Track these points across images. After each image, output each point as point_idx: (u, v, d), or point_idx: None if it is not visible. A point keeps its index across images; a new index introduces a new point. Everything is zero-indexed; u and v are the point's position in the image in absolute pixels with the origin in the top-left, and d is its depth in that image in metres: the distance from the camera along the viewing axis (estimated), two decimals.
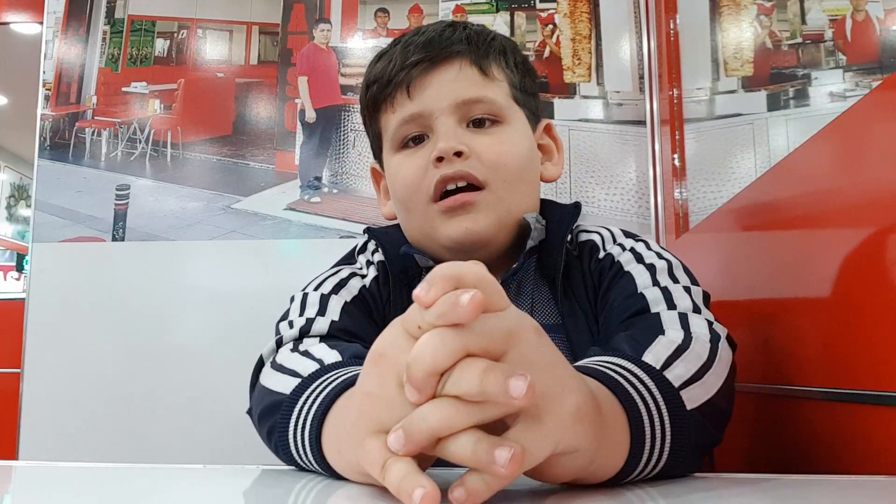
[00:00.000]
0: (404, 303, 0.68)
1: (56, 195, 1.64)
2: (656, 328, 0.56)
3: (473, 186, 0.66)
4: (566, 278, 0.68)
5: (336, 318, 0.64)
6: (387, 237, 0.73)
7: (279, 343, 0.61)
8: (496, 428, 0.34)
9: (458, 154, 0.66)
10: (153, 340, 1.53)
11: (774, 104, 1.36)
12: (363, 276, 0.72)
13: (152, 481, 0.48)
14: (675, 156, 1.42)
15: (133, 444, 1.49)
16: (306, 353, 0.57)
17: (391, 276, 0.70)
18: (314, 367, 0.53)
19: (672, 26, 1.45)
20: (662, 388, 0.46)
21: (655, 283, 0.62)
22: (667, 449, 0.45)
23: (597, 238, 0.71)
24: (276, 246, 1.58)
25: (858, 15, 1.32)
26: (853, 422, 0.58)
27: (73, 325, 1.54)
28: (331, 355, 0.55)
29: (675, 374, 0.49)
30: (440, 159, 0.66)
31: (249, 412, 0.61)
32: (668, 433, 0.45)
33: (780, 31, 1.37)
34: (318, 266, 1.67)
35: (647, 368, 0.48)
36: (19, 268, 4.88)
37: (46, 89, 1.70)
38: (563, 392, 0.36)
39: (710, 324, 0.57)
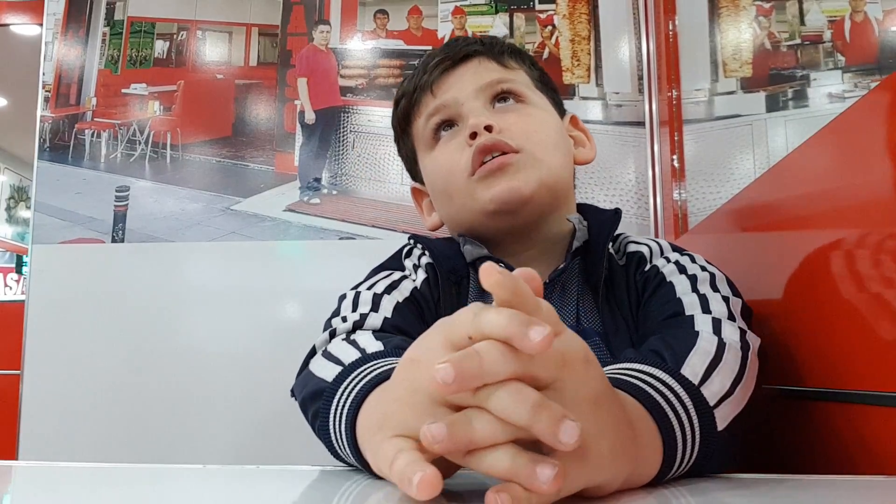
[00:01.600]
0: (454, 301, 0.70)
1: (56, 197, 1.64)
2: (690, 333, 0.56)
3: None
4: (610, 287, 0.69)
5: (389, 315, 0.65)
6: (432, 241, 0.75)
7: (332, 335, 0.62)
8: (532, 447, 0.34)
9: (489, 129, 0.68)
10: (153, 342, 1.53)
11: (773, 105, 1.36)
12: (413, 280, 0.72)
13: (152, 481, 0.48)
14: (675, 157, 1.42)
15: (133, 444, 1.49)
16: (353, 343, 0.57)
17: (440, 276, 0.71)
18: (356, 355, 0.54)
19: (671, 27, 1.45)
20: (699, 408, 0.47)
21: (695, 290, 0.63)
22: (689, 465, 0.46)
23: (645, 250, 0.72)
24: (276, 247, 1.58)
25: (857, 16, 1.32)
26: (853, 422, 0.58)
27: (73, 327, 1.54)
28: (374, 345, 0.56)
29: (712, 392, 0.50)
30: (473, 136, 0.68)
31: (293, 393, 0.62)
32: (695, 453, 0.46)
33: (779, 32, 1.38)
34: (318, 267, 1.67)
35: (685, 385, 0.48)
36: (19, 269, 4.87)
37: (46, 91, 1.70)
38: (604, 431, 0.36)
39: (742, 332, 0.58)
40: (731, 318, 0.59)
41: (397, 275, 0.73)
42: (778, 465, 0.72)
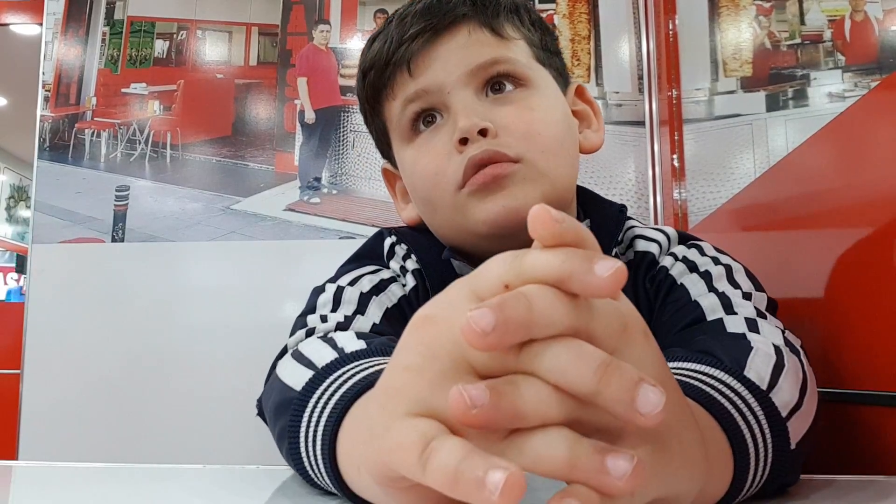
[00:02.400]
0: None
1: (56, 196, 1.64)
2: (731, 335, 0.47)
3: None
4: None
5: (377, 321, 0.55)
6: (417, 242, 0.62)
7: (309, 334, 0.52)
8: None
9: (484, 133, 0.55)
10: (153, 341, 1.53)
11: (773, 105, 1.36)
12: (402, 285, 0.60)
13: (152, 481, 0.48)
14: (675, 156, 1.42)
15: (133, 444, 1.48)
16: (329, 341, 0.47)
17: (430, 288, 0.59)
18: (332, 356, 0.43)
19: (671, 27, 1.45)
20: (771, 419, 0.38)
21: (711, 289, 0.53)
22: (757, 487, 0.38)
23: (654, 248, 0.61)
24: (276, 247, 1.58)
25: (857, 15, 1.32)
26: (853, 422, 0.58)
27: (73, 326, 1.54)
28: (354, 344, 0.45)
29: (782, 401, 0.40)
30: (463, 141, 0.55)
31: (259, 410, 0.52)
32: (766, 473, 0.38)
33: (779, 31, 1.38)
34: (318, 266, 1.66)
35: (754, 390, 0.39)
36: (19, 269, 4.87)
37: (46, 90, 1.70)
38: (676, 425, 0.28)
39: (782, 332, 0.49)
40: (762, 315, 0.50)
41: (385, 274, 0.61)
42: None
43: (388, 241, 0.64)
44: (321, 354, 0.44)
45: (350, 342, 0.45)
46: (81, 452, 1.49)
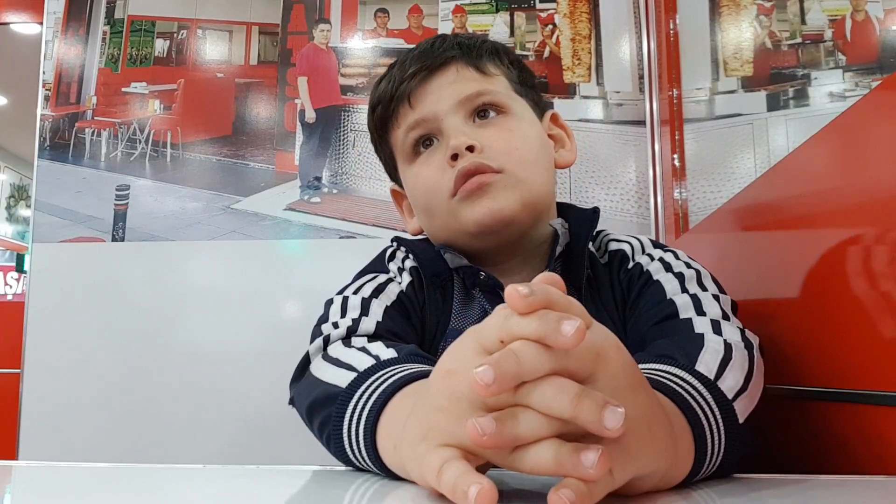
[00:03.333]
0: (439, 304, 0.70)
1: (56, 195, 1.64)
2: (693, 335, 0.56)
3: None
4: (594, 285, 0.70)
5: (380, 319, 0.65)
6: (416, 245, 0.74)
7: (326, 341, 0.61)
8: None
9: (471, 149, 0.67)
10: (153, 341, 1.53)
11: (774, 104, 1.35)
12: (399, 283, 0.72)
13: (152, 481, 0.48)
14: (675, 156, 1.42)
15: (133, 444, 1.49)
16: (363, 349, 0.57)
17: (425, 280, 0.71)
18: (370, 361, 0.53)
19: (672, 26, 1.45)
20: (719, 401, 0.48)
21: (685, 290, 0.63)
22: (718, 461, 0.46)
23: (627, 248, 0.72)
24: (276, 246, 1.58)
25: (858, 15, 1.32)
26: (853, 422, 0.58)
27: (73, 325, 1.54)
28: (387, 352, 0.55)
29: (727, 386, 0.50)
30: (455, 157, 0.67)
31: (292, 402, 0.62)
32: (723, 446, 0.46)
33: (780, 31, 1.37)
34: (318, 266, 1.67)
35: (702, 379, 0.49)
36: (19, 268, 4.87)
37: (46, 89, 1.70)
38: (644, 417, 0.36)
39: (741, 331, 0.58)
40: (726, 317, 0.60)
41: (382, 277, 0.72)
42: (778, 465, 0.72)
43: (389, 249, 0.77)
44: (361, 360, 0.54)
45: (383, 351, 0.55)
46: (81, 452, 1.49)
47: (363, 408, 0.48)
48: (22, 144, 5.29)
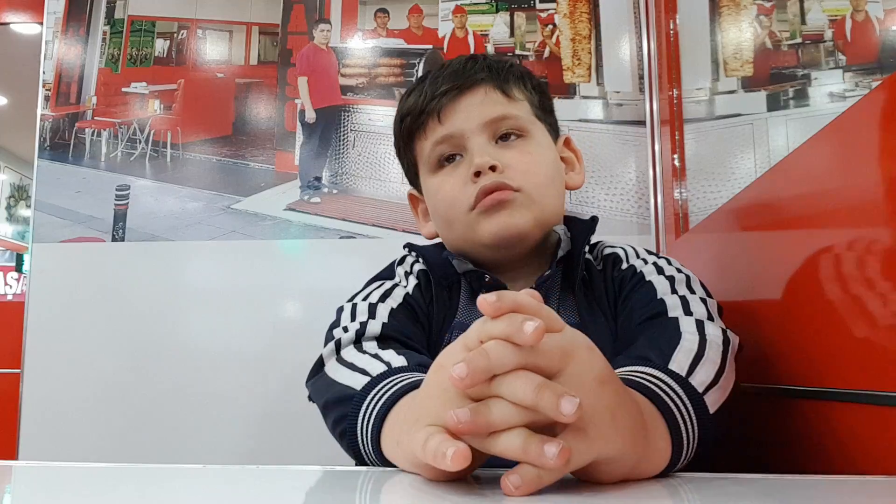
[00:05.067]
0: (446, 303, 0.76)
1: (56, 195, 1.64)
2: (675, 332, 0.62)
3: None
4: (589, 287, 0.76)
5: (386, 320, 0.70)
6: (426, 250, 0.80)
7: (338, 344, 0.67)
8: (545, 432, 0.39)
9: (493, 168, 0.72)
10: (153, 341, 1.53)
11: (774, 104, 1.36)
12: (404, 287, 0.77)
13: (152, 481, 0.48)
14: (675, 156, 1.42)
15: (133, 444, 1.49)
16: (376, 356, 0.62)
17: (433, 281, 0.77)
18: (382, 368, 0.59)
19: (672, 26, 1.45)
20: (691, 395, 0.52)
21: (674, 291, 0.68)
22: (693, 450, 0.51)
23: (620, 252, 0.78)
24: (276, 246, 1.58)
25: (858, 15, 1.32)
26: (853, 422, 0.58)
27: (73, 325, 1.54)
28: (398, 360, 0.61)
29: (698, 381, 0.56)
30: (478, 174, 0.72)
31: (311, 399, 0.68)
32: (695, 436, 0.51)
33: (780, 31, 1.37)
34: (319, 266, 1.66)
35: (675, 377, 0.54)
36: (19, 268, 4.87)
37: (46, 90, 1.70)
38: (608, 408, 0.41)
39: (724, 331, 0.63)
40: (711, 318, 0.65)
41: (388, 283, 0.78)
42: (778, 465, 0.72)
43: (401, 255, 0.83)
44: (374, 366, 0.60)
45: (394, 358, 0.61)
46: (81, 452, 1.49)
47: (374, 407, 0.54)
48: (22, 144, 5.29)
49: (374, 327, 0.68)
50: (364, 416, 0.55)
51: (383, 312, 0.71)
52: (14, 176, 5.88)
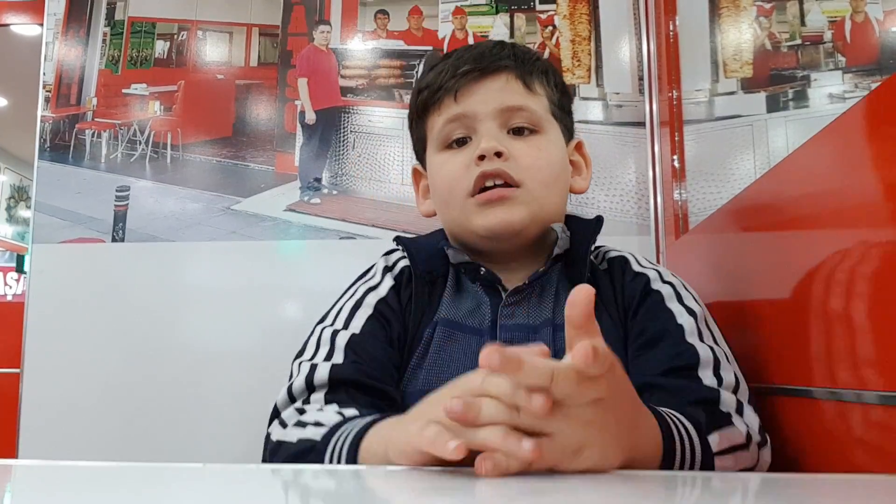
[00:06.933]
0: (425, 301, 0.75)
1: (56, 196, 1.64)
2: (722, 414, 0.62)
3: (509, 186, 0.72)
4: (593, 286, 0.73)
5: (340, 360, 0.69)
6: (414, 244, 0.79)
7: (290, 395, 0.67)
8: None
9: (499, 155, 0.71)
10: (153, 341, 1.53)
11: (774, 106, 1.36)
12: (377, 290, 0.76)
13: (152, 481, 0.48)
14: (675, 157, 1.42)
15: (133, 444, 1.49)
16: (322, 411, 0.63)
17: (414, 277, 0.76)
18: (338, 418, 0.60)
19: (671, 28, 1.45)
20: (702, 444, 0.56)
21: (702, 339, 0.68)
22: (693, 450, 0.55)
23: (627, 254, 0.78)
24: (276, 247, 1.58)
25: (858, 16, 1.32)
26: (853, 422, 0.58)
27: (73, 326, 1.54)
28: (349, 411, 0.62)
29: (723, 466, 0.58)
30: (482, 157, 0.71)
31: (268, 442, 0.66)
32: (697, 458, 0.55)
33: (780, 32, 1.38)
34: (318, 266, 1.67)
35: (704, 444, 0.56)
36: (19, 268, 4.87)
37: (46, 91, 1.70)
38: (593, 424, 0.45)
39: (760, 424, 0.64)
40: (744, 396, 0.65)
41: (363, 289, 0.76)
42: (777, 465, 0.72)
43: (389, 249, 0.82)
44: (328, 417, 0.61)
45: (346, 410, 0.62)
46: (81, 452, 1.49)
47: (344, 442, 0.56)
48: (22, 146, 5.29)
49: (322, 374, 0.67)
50: (333, 449, 0.57)
51: (341, 342, 0.70)
52: (14, 177, 5.89)
